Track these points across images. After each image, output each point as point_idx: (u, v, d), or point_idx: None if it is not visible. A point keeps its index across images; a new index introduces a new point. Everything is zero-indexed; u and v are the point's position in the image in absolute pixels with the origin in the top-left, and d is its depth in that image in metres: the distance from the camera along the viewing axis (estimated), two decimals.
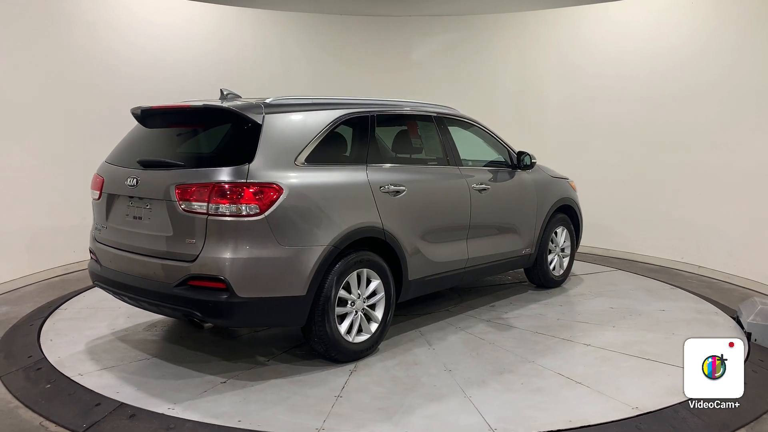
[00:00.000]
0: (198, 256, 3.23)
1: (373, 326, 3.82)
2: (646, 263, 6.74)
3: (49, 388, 3.33)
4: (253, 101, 3.62)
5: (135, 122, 3.90)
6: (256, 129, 3.39)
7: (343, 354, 3.66)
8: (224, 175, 3.23)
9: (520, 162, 5.07)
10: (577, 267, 6.24)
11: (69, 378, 3.41)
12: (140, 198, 3.52)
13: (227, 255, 3.19)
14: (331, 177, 3.64)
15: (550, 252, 5.43)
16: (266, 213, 3.24)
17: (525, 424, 2.94)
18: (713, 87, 6.20)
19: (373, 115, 4.06)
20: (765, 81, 5.72)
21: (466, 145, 5.11)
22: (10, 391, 3.32)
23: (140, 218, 3.54)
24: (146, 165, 3.56)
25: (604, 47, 7.22)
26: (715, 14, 6.22)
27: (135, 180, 3.53)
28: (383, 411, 3.08)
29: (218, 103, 3.65)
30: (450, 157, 4.56)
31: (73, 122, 6.07)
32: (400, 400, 3.21)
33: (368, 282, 3.79)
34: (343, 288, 3.60)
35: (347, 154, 3.97)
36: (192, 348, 3.96)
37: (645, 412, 3.05)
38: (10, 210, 5.52)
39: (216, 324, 3.75)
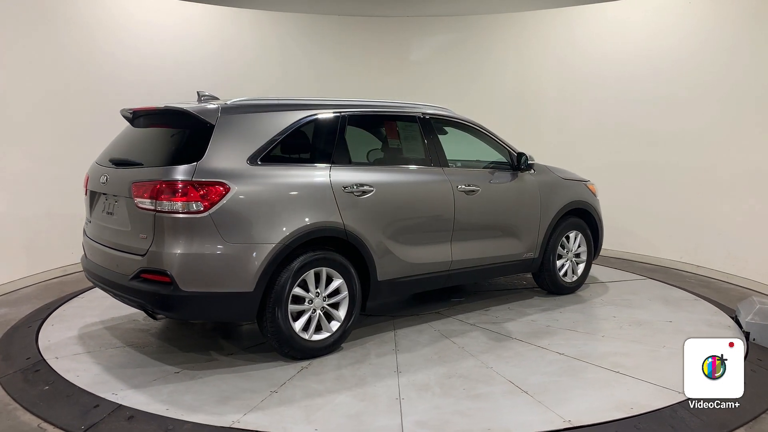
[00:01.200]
0: (148, 250, 3.40)
1: (335, 325, 3.84)
2: (645, 263, 6.74)
3: (48, 389, 3.32)
4: (217, 103, 3.77)
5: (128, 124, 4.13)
6: (209, 130, 3.52)
7: (298, 351, 3.70)
8: (171, 173, 3.38)
9: (519, 163, 4.91)
10: (606, 274, 6.12)
11: (67, 380, 3.41)
12: (112, 195, 3.75)
13: (172, 250, 3.33)
14: (286, 177, 3.68)
15: (560, 257, 5.23)
16: (211, 211, 3.35)
17: (440, 429, 2.91)
18: (712, 87, 6.21)
19: (344, 116, 4.07)
20: (763, 81, 5.73)
21: (461, 146, 5.09)
22: (9, 393, 3.31)
23: (111, 213, 3.77)
24: (116, 163, 3.81)
25: (602, 47, 7.23)
26: (713, 14, 6.23)
27: (106, 177, 3.80)
28: (307, 408, 3.12)
29: (177, 105, 3.78)
30: (433, 158, 4.46)
31: (71, 124, 6.06)
32: (332, 398, 3.24)
33: (331, 281, 3.81)
34: (300, 286, 3.66)
35: (310, 154, 3.96)
36: (168, 340, 4.07)
37: (577, 426, 2.94)
38: (7, 212, 5.51)
39: (166, 316, 3.82)
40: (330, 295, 3.82)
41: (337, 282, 3.82)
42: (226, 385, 3.36)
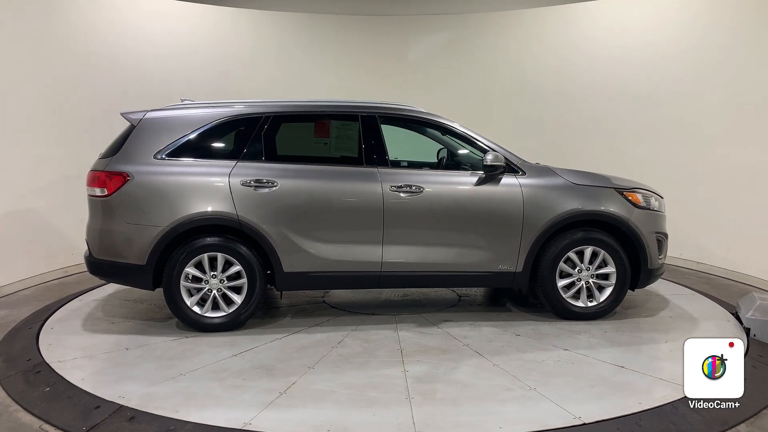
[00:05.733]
0: (87, 224, 4.35)
1: (234, 307, 4.23)
2: None
3: (48, 391, 3.33)
4: (152, 108, 4.41)
5: (128, 124, 4.48)
6: (131, 129, 4.30)
7: (191, 324, 4.23)
8: (95, 164, 4.30)
9: (485, 165, 4.36)
10: (700, 307, 4.90)
11: (68, 381, 3.41)
12: None
13: (89, 224, 4.31)
14: (184, 170, 4.21)
15: (566, 276, 4.48)
16: (112, 195, 4.13)
17: (153, 402, 3.13)
18: (711, 83, 6.22)
19: (267, 116, 4.38)
20: (762, 76, 5.73)
21: (424, 145, 5.02)
22: (9, 395, 3.32)
23: None
24: None
25: (601, 44, 7.23)
26: (712, 10, 6.23)
27: None
28: (124, 366, 3.66)
29: (129, 111, 4.42)
30: (368, 157, 4.38)
31: (71, 124, 6.07)
32: (143, 364, 3.68)
33: (230, 265, 4.20)
34: (197, 267, 4.18)
35: (218, 150, 4.37)
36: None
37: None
38: (8, 213, 5.51)
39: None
40: (232, 279, 4.22)
41: (236, 268, 4.20)
42: (111, 347, 4.00)
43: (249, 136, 4.32)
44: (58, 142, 5.96)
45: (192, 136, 4.27)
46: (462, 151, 4.78)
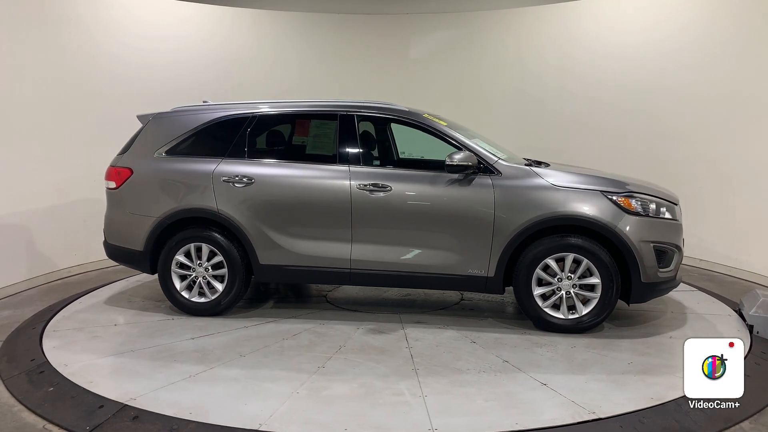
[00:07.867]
0: None
1: (216, 294, 4.56)
2: None
3: (52, 391, 3.34)
4: (163, 110, 4.86)
5: (133, 125, 4.90)
6: (141, 130, 4.81)
7: (180, 306, 4.63)
8: (112, 160, 4.82)
9: (447, 164, 4.19)
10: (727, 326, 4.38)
11: (71, 381, 3.42)
12: None
13: (105, 213, 4.87)
14: (176, 166, 4.62)
15: (545, 284, 4.18)
16: (119, 188, 4.68)
17: (87, 375, 3.49)
18: (713, 81, 6.20)
19: (254, 116, 4.64)
20: (764, 72, 5.71)
21: (408, 145, 5.08)
22: (13, 395, 3.33)
23: None
24: None
25: (603, 41, 7.21)
26: (714, 7, 6.21)
27: None
28: (91, 339, 4.12)
29: (146, 113, 4.88)
30: (342, 155, 4.45)
31: (73, 125, 6.07)
32: (114, 337, 4.17)
33: (215, 255, 4.53)
34: (187, 255, 4.56)
35: (207, 149, 4.66)
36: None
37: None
38: (11, 213, 5.52)
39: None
40: (216, 268, 4.54)
41: (219, 258, 4.51)
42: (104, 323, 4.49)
43: (235, 135, 4.61)
44: (61, 142, 5.97)
45: (187, 136, 4.66)
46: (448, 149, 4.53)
